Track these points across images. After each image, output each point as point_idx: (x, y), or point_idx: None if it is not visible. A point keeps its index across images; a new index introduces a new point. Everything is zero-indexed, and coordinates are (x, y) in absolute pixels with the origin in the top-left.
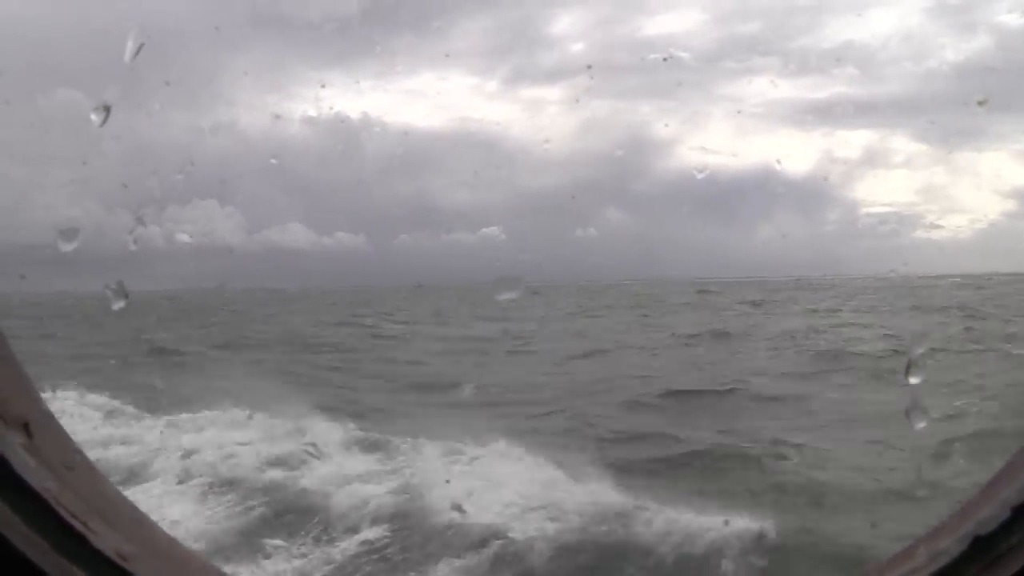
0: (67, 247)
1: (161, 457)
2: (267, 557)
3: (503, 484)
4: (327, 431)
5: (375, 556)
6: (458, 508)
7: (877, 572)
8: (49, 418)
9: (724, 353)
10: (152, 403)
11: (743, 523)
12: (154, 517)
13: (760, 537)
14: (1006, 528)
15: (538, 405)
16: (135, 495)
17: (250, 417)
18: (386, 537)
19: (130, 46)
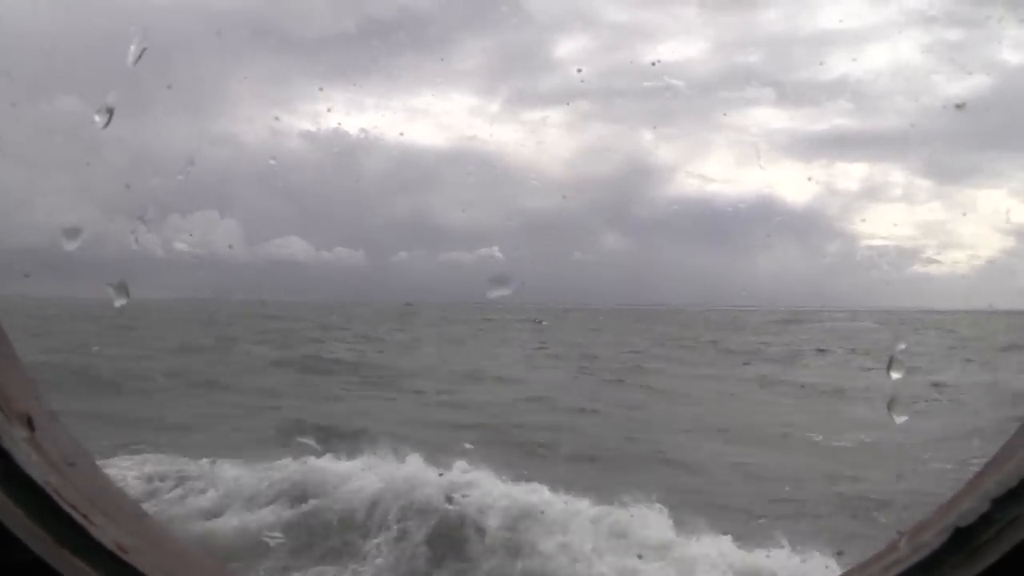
0: (70, 246)
1: None
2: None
3: None
4: None
5: None
6: None
7: (862, 567)
8: (51, 416)
9: None
10: None
11: None
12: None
13: None
14: (986, 520)
15: None
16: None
17: None
18: None
19: (133, 50)
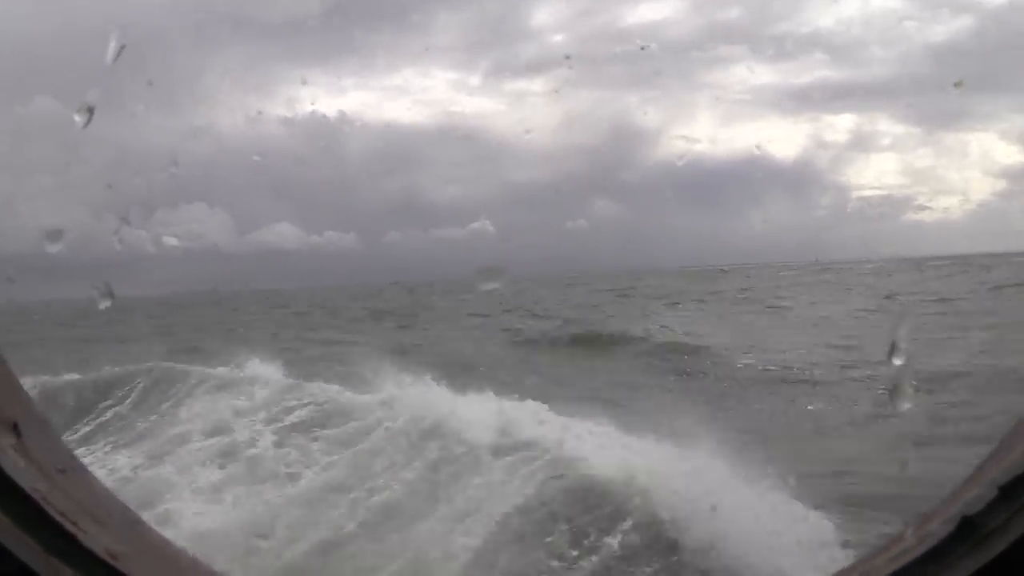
0: (53, 248)
1: None
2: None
3: None
4: None
5: None
6: None
7: (869, 558)
8: (41, 422)
9: None
10: None
11: None
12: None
13: None
14: (992, 508)
15: None
16: None
17: None
18: None
19: (112, 47)
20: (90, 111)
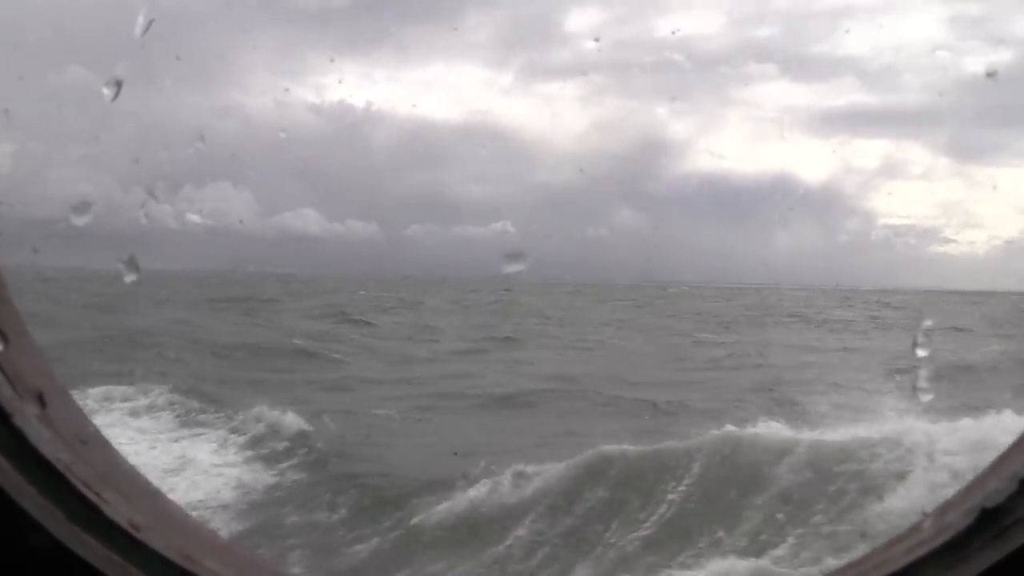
0: (80, 221)
1: None
2: None
3: None
4: None
5: None
6: None
7: (885, 548)
8: (63, 393)
9: None
10: None
11: None
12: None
13: None
14: (1013, 501)
15: None
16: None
17: None
18: None
19: (141, 21)
20: (118, 84)
